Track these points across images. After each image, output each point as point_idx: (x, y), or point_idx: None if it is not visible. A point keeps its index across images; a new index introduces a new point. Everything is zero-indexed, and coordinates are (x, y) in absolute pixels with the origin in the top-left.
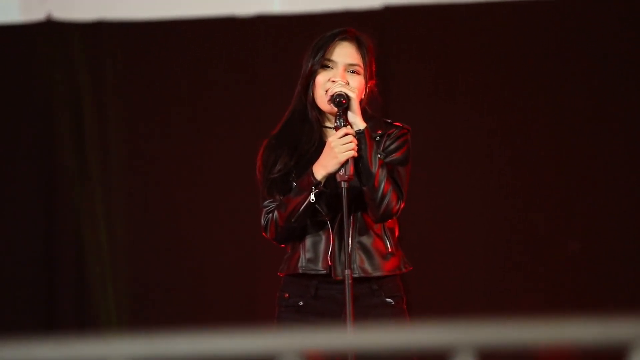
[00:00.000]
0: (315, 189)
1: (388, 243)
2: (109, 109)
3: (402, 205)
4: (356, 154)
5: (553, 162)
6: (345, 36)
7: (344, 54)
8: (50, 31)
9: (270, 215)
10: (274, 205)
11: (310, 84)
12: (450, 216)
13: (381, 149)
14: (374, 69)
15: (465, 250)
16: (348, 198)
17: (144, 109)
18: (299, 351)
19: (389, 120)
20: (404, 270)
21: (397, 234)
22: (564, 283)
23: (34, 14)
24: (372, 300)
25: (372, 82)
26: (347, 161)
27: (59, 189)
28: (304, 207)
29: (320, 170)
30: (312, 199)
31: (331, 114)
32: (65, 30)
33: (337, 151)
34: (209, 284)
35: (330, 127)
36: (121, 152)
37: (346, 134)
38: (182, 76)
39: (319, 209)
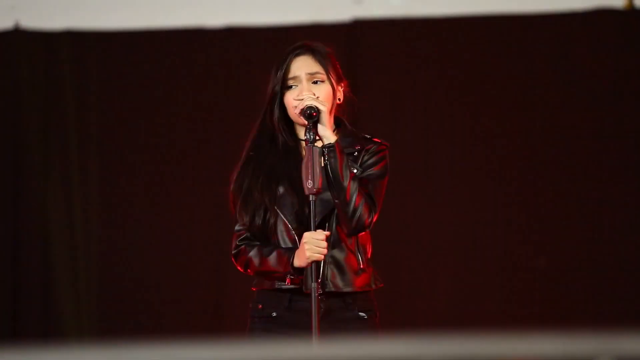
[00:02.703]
0: (290, 276)
1: (360, 259)
2: (75, 116)
3: (375, 218)
4: (322, 258)
5: (525, 178)
6: (299, 51)
7: (302, 66)
8: (18, 40)
9: (243, 248)
10: (244, 229)
11: (275, 105)
12: (420, 233)
13: (359, 164)
14: (339, 72)
15: (436, 266)
16: (322, 212)
17: (111, 117)
18: None
19: (368, 136)
20: (374, 287)
21: (370, 251)
22: (532, 298)
23: (2, 23)
24: (345, 314)
25: (344, 84)
26: (313, 175)
27: (25, 194)
28: (277, 278)
29: (297, 260)
30: (287, 283)
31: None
32: (33, 39)
33: (307, 248)
34: (177, 291)
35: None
36: (88, 158)
37: (324, 239)
38: (150, 85)
39: (290, 225)
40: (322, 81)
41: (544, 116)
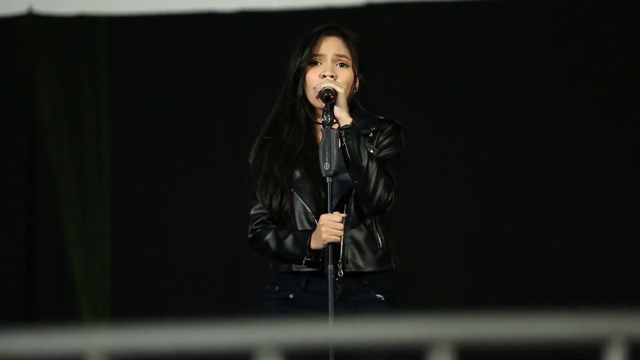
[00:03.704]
0: (307, 258)
1: (380, 238)
2: (90, 102)
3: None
4: (338, 240)
5: (538, 160)
6: (331, 31)
7: (332, 46)
8: (31, 24)
9: (259, 232)
10: (260, 213)
11: (300, 81)
12: (436, 213)
13: (375, 145)
14: (362, 63)
15: (452, 246)
16: (339, 194)
17: (125, 103)
18: (279, 344)
19: (382, 117)
20: (394, 265)
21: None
22: (545, 281)
23: (15, 7)
24: (363, 296)
25: (362, 77)
26: (330, 157)
27: (40, 182)
28: (294, 260)
29: (313, 242)
30: (304, 266)
31: (321, 109)
32: (46, 24)
33: (324, 230)
34: (191, 276)
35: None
36: (103, 145)
37: (340, 221)
38: (163, 71)
39: (309, 209)
40: (347, 66)
41: (562, 97)
